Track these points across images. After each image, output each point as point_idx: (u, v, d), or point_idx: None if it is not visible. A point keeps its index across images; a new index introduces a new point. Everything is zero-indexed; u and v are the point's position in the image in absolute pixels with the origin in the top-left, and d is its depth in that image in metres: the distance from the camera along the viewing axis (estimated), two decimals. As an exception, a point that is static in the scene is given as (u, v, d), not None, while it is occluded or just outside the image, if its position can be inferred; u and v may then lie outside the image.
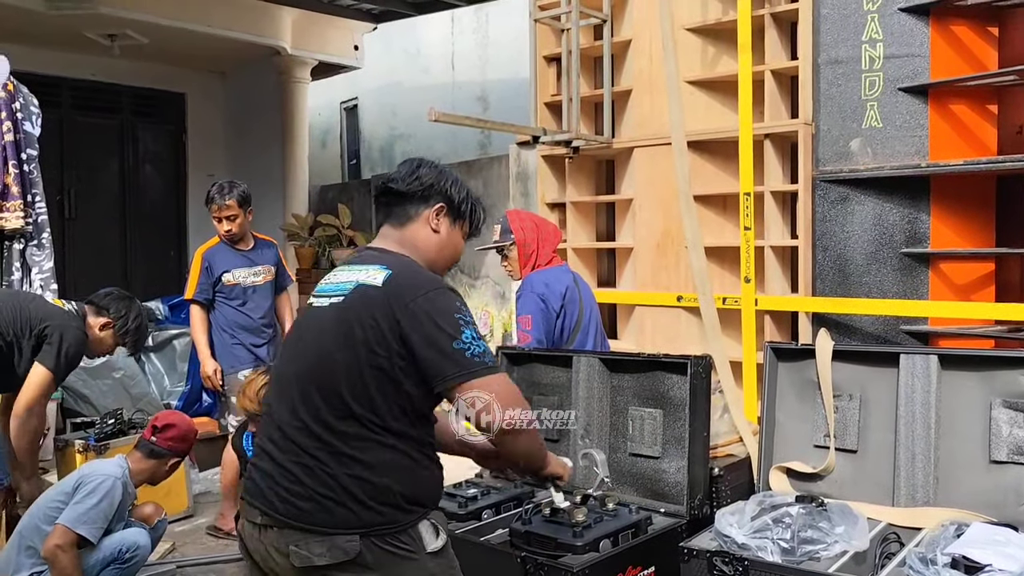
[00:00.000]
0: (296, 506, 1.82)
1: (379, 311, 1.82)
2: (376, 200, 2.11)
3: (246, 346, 4.44)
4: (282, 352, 2.09)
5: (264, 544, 1.87)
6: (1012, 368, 2.60)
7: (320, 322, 1.91)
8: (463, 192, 2.10)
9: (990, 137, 3.54)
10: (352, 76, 10.14)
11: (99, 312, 3.49)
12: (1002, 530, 2.32)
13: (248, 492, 1.95)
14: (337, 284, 1.94)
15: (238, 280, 4.45)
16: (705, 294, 3.52)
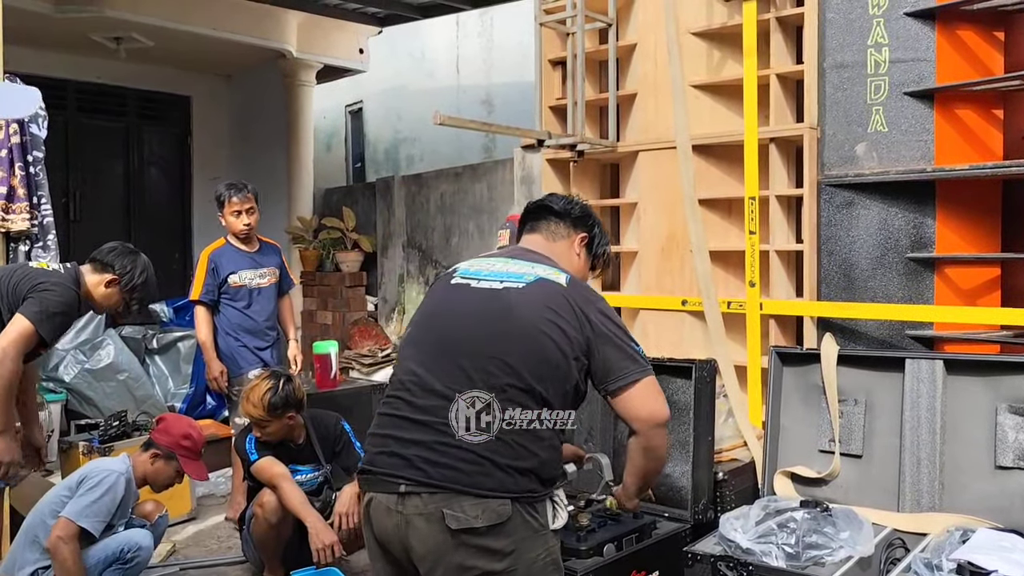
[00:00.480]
0: (456, 468, 1.92)
1: (566, 306, 2.02)
2: (527, 213, 2.32)
3: (250, 349, 4.44)
4: (427, 326, 2.13)
5: (404, 513, 1.94)
6: (1018, 373, 2.60)
7: (494, 301, 2.03)
8: (603, 233, 2.35)
9: (996, 142, 3.52)
10: (357, 79, 10.16)
11: (104, 269, 3.31)
12: (1008, 536, 2.31)
13: (380, 464, 2.00)
14: (506, 272, 2.09)
15: (244, 282, 4.45)
16: (710, 298, 3.52)
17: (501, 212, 7.53)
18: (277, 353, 4.60)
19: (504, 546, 1.93)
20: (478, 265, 2.17)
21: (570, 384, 2.04)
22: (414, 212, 8.61)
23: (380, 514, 2.00)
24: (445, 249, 8.25)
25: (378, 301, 9.06)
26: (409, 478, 1.95)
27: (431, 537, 1.92)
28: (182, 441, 3.45)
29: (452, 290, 2.15)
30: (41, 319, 3.03)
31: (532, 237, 2.28)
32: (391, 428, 2.04)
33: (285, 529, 3.57)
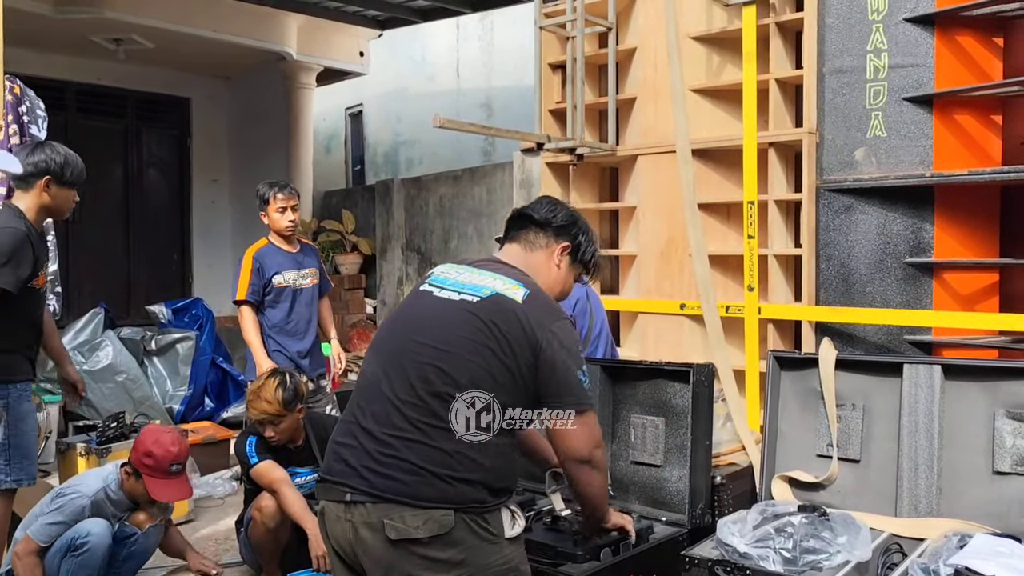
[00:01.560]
0: (396, 479, 1.90)
1: (516, 324, 1.98)
2: (510, 220, 2.28)
3: (287, 353, 4.31)
4: (390, 329, 2.13)
5: (352, 521, 1.93)
6: (1016, 379, 2.60)
7: (448, 312, 2.02)
8: (589, 240, 2.29)
9: (994, 147, 3.53)
10: (357, 82, 10.18)
11: (27, 180, 3.21)
12: (1006, 541, 2.31)
13: (332, 472, 2.01)
14: (467, 283, 2.07)
15: (288, 282, 4.37)
16: (709, 302, 3.52)
17: (500, 216, 7.54)
18: (320, 357, 4.54)
19: (451, 556, 1.90)
20: (447, 273, 2.15)
21: (520, 398, 2.01)
22: (413, 215, 8.62)
23: (331, 522, 2.00)
24: (444, 252, 8.25)
25: (377, 304, 9.07)
26: (355, 487, 1.93)
27: (376, 547, 1.91)
28: (144, 459, 3.34)
29: (417, 296, 2.15)
30: None
31: (510, 247, 2.24)
32: (344, 435, 2.03)
33: (283, 533, 3.56)
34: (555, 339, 2.00)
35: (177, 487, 3.48)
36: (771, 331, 3.86)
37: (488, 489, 1.95)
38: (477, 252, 7.86)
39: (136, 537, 3.43)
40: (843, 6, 3.59)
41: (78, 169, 3.30)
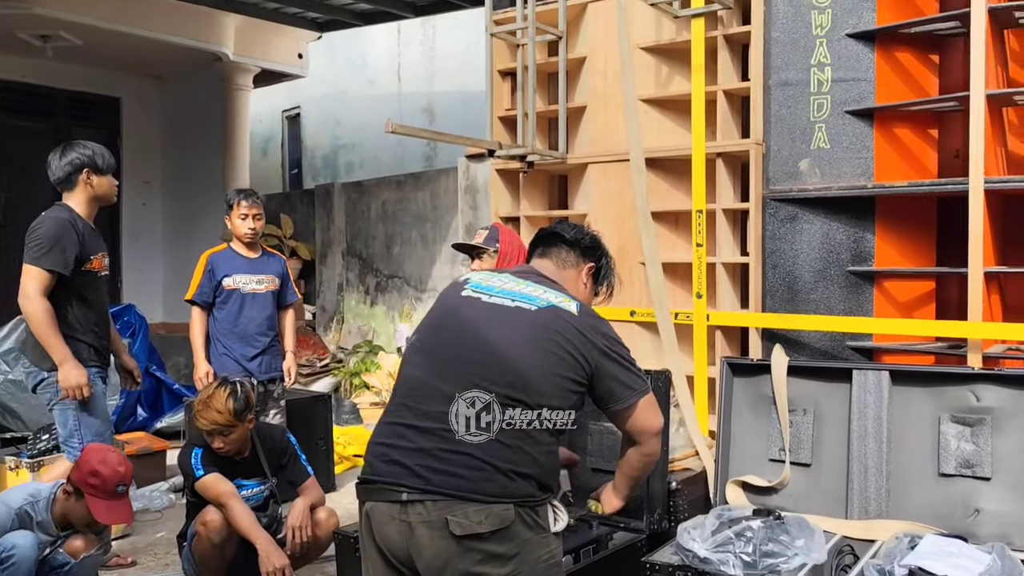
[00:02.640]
0: (458, 475, 1.94)
1: (577, 333, 2.07)
2: (539, 238, 2.38)
3: (235, 357, 4.32)
4: (437, 332, 2.17)
5: (407, 521, 1.95)
6: (960, 384, 2.70)
7: (507, 317, 2.09)
8: (609, 264, 2.43)
9: (931, 160, 3.67)
10: (295, 84, 10.02)
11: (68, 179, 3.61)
12: (954, 541, 2.40)
13: (382, 473, 2.01)
14: (518, 292, 2.15)
15: (237, 285, 4.38)
16: (663, 309, 3.57)
17: (445, 221, 7.52)
18: (270, 362, 4.49)
19: (507, 550, 1.95)
20: (490, 281, 2.21)
21: (569, 403, 2.09)
22: (355, 220, 8.52)
23: (382, 522, 2.00)
24: (387, 258, 8.18)
25: (316, 310, 8.93)
26: (411, 486, 1.96)
27: (435, 544, 1.93)
28: (89, 479, 3.18)
29: (463, 302, 2.18)
30: (37, 256, 3.41)
31: (542, 262, 2.33)
32: (393, 437, 2.05)
33: (229, 548, 3.47)
34: (610, 346, 2.12)
35: (120, 509, 3.33)
36: (719, 337, 3.92)
37: (539, 484, 2.03)
38: (421, 258, 7.81)
39: (70, 567, 3.22)
40: (788, 21, 3.69)
41: (108, 156, 3.71)
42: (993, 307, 3.38)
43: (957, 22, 3.34)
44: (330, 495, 4.51)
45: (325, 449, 5.29)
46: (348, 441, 6.20)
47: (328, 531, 3.57)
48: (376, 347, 7.93)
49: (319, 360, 8.08)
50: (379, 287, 8.29)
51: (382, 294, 8.25)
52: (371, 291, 8.36)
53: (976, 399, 2.68)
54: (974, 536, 2.52)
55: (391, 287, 8.14)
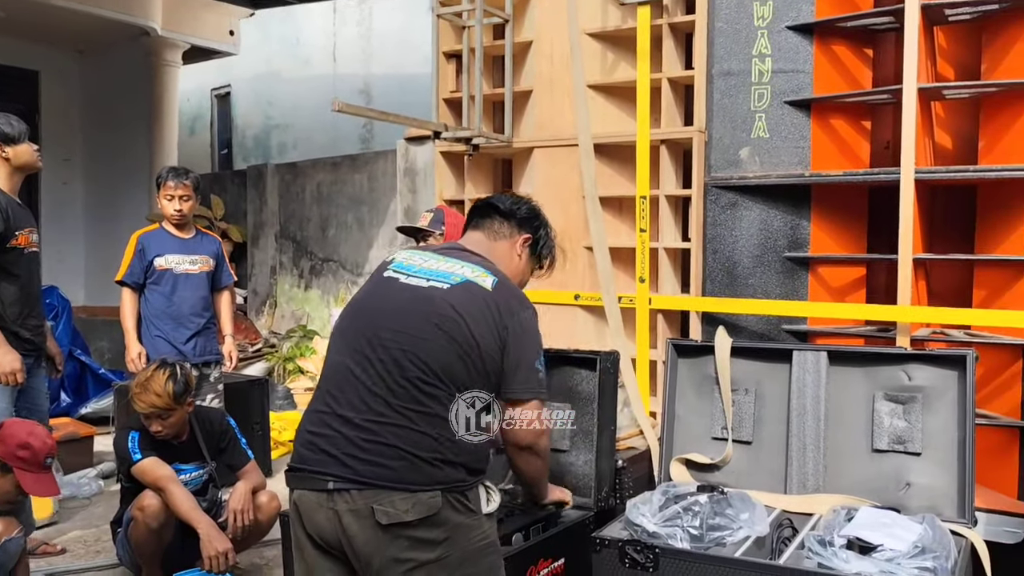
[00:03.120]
0: (382, 465, 1.91)
1: (486, 310, 2.03)
2: (474, 210, 2.33)
3: (168, 339, 4.23)
4: (354, 316, 2.11)
5: (335, 509, 1.93)
6: (893, 364, 2.83)
7: (418, 298, 2.04)
8: (548, 235, 2.39)
9: (864, 151, 3.81)
10: (225, 62, 9.77)
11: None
12: (888, 513, 2.52)
13: (308, 462, 1.98)
14: (435, 270, 2.10)
15: (170, 266, 4.29)
16: (609, 293, 3.62)
17: (382, 204, 7.45)
18: (205, 344, 4.39)
19: (436, 535, 1.94)
20: (411, 260, 2.16)
21: (486, 383, 2.05)
22: (288, 202, 8.37)
23: (311, 509, 1.98)
24: (321, 240, 8.07)
25: (248, 294, 8.75)
26: (337, 475, 1.94)
27: (363, 533, 1.92)
28: (18, 452, 3.08)
29: (382, 283, 2.14)
30: None
31: (474, 235, 2.30)
32: (319, 425, 2.01)
33: (167, 533, 3.40)
34: (520, 327, 2.06)
35: (50, 482, 3.24)
36: (660, 321, 4.01)
37: (468, 470, 2.01)
38: (358, 242, 7.73)
39: None
40: (731, 11, 3.77)
41: (17, 123, 3.52)
42: (920, 292, 3.54)
43: (891, 18, 3.47)
44: (267, 480, 4.46)
45: (261, 434, 5.22)
46: (283, 427, 6.12)
47: (270, 514, 3.54)
48: (311, 332, 7.83)
49: (251, 345, 7.94)
50: (314, 271, 8.17)
51: (317, 278, 8.14)
52: (305, 275, 8.23)
53: (908, 378, 2.80)
54: (906, 508, 2.65)
55: (326, 271, 8.03)
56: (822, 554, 2.29)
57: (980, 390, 3.23)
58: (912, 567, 2.19)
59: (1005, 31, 3.36)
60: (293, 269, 8.34)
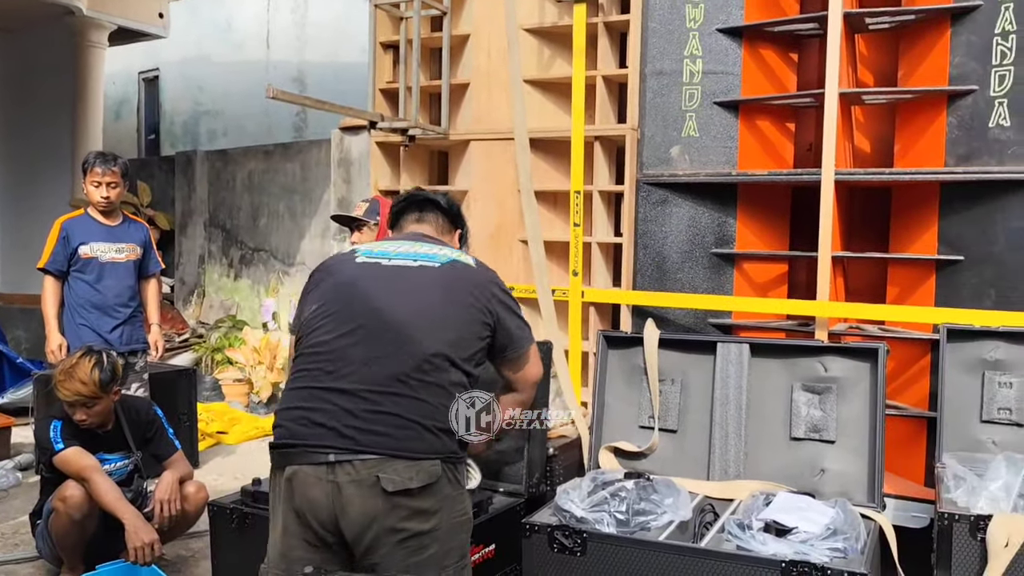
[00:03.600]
0: (385, 434, 1.98)
1: (479, 285, 2.21)
2: (411, 203, 2.43)
3: (93, 327, 4.13)
4: (343, 298, 2.15)
5: (335, 481, 1.96)
6: (810, 356, 2.96)
7: (413, 276, 2.16)
8: (467, 233, 2.57)
9: (788, 152, 3.96)
10: (153, 45, 9.50)
11: None
12: (803, 498, 2.64)
13: (303, 436, 2.01)
14: (417, 253, 2.21)
15: (95, 254, 4.18)
16: (543, 285, 3.68)
17: (316, 194, 7.38)
18: (131, 333, 4.29)
19: (431, 505, 2.01)
20: (384, 247, 2.25)
21: (480, 355, 2.20)
22: (218, 190, 8.22)
23: (307, 484, 1.98)
24: (252, 229, 7.95)
25: (175, 283, 8.56)
26: (338, 447, 1.97)
27: (364, 502, 1.95)
28: None
29: (362, 267, 2.19)
30: None
31: (423, 227, 2.38)
32: (313, 400, 2.04)
33: (91, 524, 3.33)
34: (505, 296, 2.26)
35: None
36: (592, 313, 4.09)
37: (458, 442, 2.11)
38: (290, 231, 7.63)
39: None
40: (664, 13, 3.86)
41: None
42: (838, 288, 3.70)
43: (815, 24, 3.61)
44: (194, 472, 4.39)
45: (188, 425, 5.13)
46: (210, 418, 6.03)
47: (197, 505, 3.50)
48: (240, 322, 7.70)
49: (178, 335, 7.77)
50: (244, 260, 8.04)
51: (247, 267, 8.01)
52: (235, 264, 8.09)
53: (824, 370, 2.94)
54: (820, 493, 2.78)
55: (257, 260, 7.91)
56: (741, 537, 2.40)
57: (891, 382, 3.40)
58: (824, 548, 2.32)
59: (920, 40, 3.53)
60: (222, 258, 8.19)
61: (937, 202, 3.43)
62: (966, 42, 3.33)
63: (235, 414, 6.37)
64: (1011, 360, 2.95)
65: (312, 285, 2.25)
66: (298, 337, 2.19)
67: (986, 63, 3.30)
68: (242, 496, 2.95)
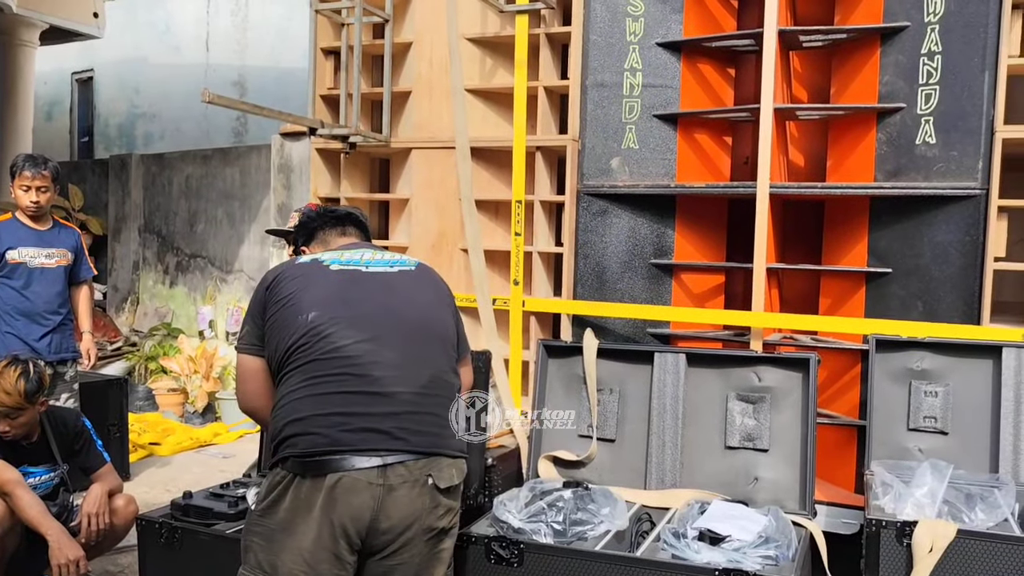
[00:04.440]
0: (432, 434, 2.05)
1: (443, 287, 2.33)
2: (341, 217, 2.43)
3: (20, 336, 3.99)
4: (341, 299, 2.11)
5: (385, 484, 1.96)
6: (744, 366, 3.01)
7: (399, 280, 2.20)
8: None
9: (725, 165, 4.03)
10: (87, 45, 9.25)
11: None
12: (737, 506, 2.68)
13: (348, 443, 1.96)
14: (390, 259, 2.26)
15: (24, 259, 4.05)
16: (484, 295, 3.68)
17: (255, 200, 7.26)
18: (60, 341, 4.15)
19: (455, 503, 2.12)
20: (348, 255, 2.23)
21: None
22: (154, 194, 8.03)
23: (352, 492, 1.94)
24: (189, 235, 7.78)
25: (108, 289, 8.33)
26: (391, 448, 1.98)
27: (413, 502, 1.98)
28: None
29: (346, 274, 2.16)
30: None
31: (364, 242, 2.43)
32: (349, 406, 1.99)
33: (11, 540, 3.21)
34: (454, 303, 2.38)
35: None
36: (533, 322, 4.10)
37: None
38: (228, 237, 7.49)
39: None
40: (605, 26, 3.91)
41: None
42: (773, 299, 3.78)
43: (751, 40, 3.69)
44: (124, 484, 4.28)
45: (119, 436, 4.99)
46: (143, 429, 5.87)
47: (127, 519, 3.40)
48: (175, 330, 7.53)
49: (110, 343, 7.56)
50: (180, 267, 7.86)
51: (183, 274, 7.83)
52: (171, 270, 7.91)
53: (758, 379, 3.00)
54: (753, 501, 2.83)
55: (193, 267, 7.75)
56: (676, 546, 2.42)
57: (824, 391, 3.48)
58: (756, 556, 2.35)
59: (852, 58, 3.63)
60: (158, 265, 7.99)
61: (867, 216, 3.53)
62: (895, 62, 3.44)
63: (169, 424, 6.21)
64: (936, 370, 3.04)
65: (282, 294, 2.12)
66: (293, 346, 2.06)
67: (913, 82, 3.41)
68: (172, 510, 2.87)
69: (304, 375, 2.03)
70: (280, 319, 2.10)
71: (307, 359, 2.04)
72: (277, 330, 2.09)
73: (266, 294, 2.15)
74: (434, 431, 2.06)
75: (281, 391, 2.06)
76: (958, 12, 3.30)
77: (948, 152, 3.34)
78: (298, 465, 1.98)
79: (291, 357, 2.05)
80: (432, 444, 2.04)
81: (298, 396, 2.02)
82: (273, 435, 2.05)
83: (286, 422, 2.01)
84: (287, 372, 2.06)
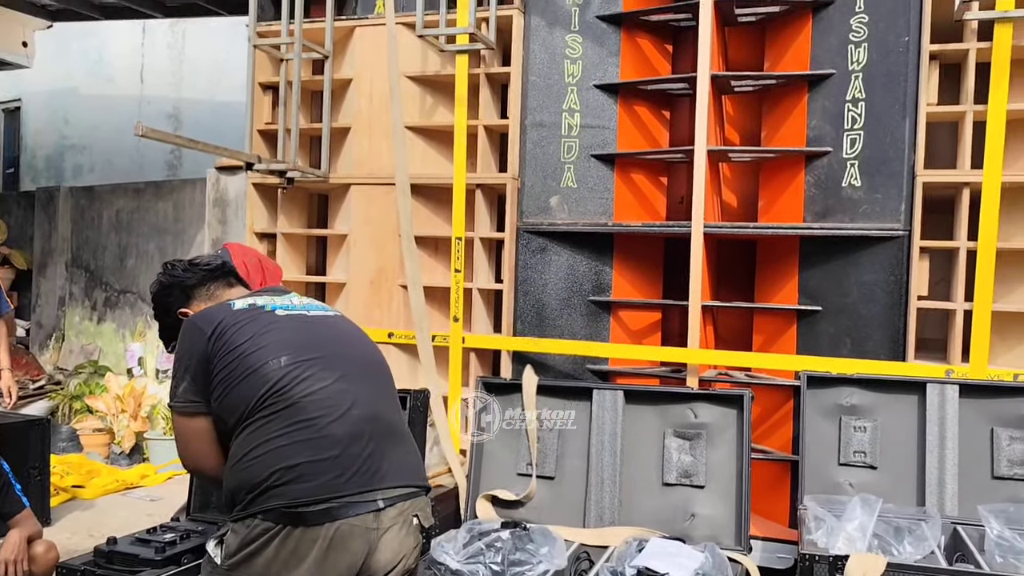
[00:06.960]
0: (414, 469, 2.06)
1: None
2: (220, 273, 2.31)
3: None
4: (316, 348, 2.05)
5: (380, 528, 1.91)
6: (681, 403, 3.05)
7: (341, 325, 2.21)
8: None
9: (661, 204, 4.11)
10: (16, 75, 9.01)
11: None
12: (674, 543, 2.69)
13: (344, 489, 1.89)
14: (317, 304, 2.24)
15: None
16: (423, 331, 3.66)
17: (189, 235, 7.11)
18: None
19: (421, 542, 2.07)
20: (281, 300, 2.16)
21: None
22: (82, 228, 7.80)
23: (349, 539, 1.86)
24: (119, 270, 7.56)
25: (31, 325, 8.02)
26: (386, 486, 1.94)
27: (401, 543, 1.95)
28: None
29: (295, 320, 2.10)
30: None
31: (239, 291, 2.30)
32: (336, 448, 1.91)
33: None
34: None
35: None
36: (473, 359, 4.09)
37: None
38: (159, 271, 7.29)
39: None
40: (544, 67, 3.98)
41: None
42: (708, 336, 3.84)
43: (686, 84, 3.79)
44: (45, 530, 4.09)
45: (40, 479, 4.77)
46: (66, 471, 5.63)
47: (46, 566, 3.24)
48: (103, 368, 7.27)
49: (32, 381, 7.26)
50: (109, 302, 7.62)
51: (112, 310, 7.60)
52: (99, 306, 7.66)
53: (694, 416, 3.03)
54: (690, 538, 2.84)
55: (123, 303, 7.52)
56: (615, 584, 2.41)
57: (758, 427, 3.54)
58: (694, 592, 2.36)
59: (781, 103, 3.76)
60: (85, 300, 7.74)
61: (797, 255, 3.63)
62: (821, 107, 3.58)
63: (94, 466, 5.96)
64: (865, 405, 3.12)
65: (236, 342, 1.99)
66: (268, 392, 1.94)
67: (839, 127, 3.55)
68: (95, 557, 2.76)
69: (285, 420, 1.92)
70: (240, 368, 1.96)
71: (285, 404, 1.93)
72: (238, 380, 1.95)
73: (210, 345, 1.98)
74: (415, 463, 2.08)
75: (254, 439, 1.91)
76: (880, 62, 3.46)
77: (872, 195, 3.48)
78: (289, 516, 1.86)
79: (265, 404, 1.93)
80: (420, 478, 2.06)
81: (284, 443, 1.90)
82: (249, 486, 1.90)
83: (273, 470, 1.87)
84: (260, 419, 1.93)
